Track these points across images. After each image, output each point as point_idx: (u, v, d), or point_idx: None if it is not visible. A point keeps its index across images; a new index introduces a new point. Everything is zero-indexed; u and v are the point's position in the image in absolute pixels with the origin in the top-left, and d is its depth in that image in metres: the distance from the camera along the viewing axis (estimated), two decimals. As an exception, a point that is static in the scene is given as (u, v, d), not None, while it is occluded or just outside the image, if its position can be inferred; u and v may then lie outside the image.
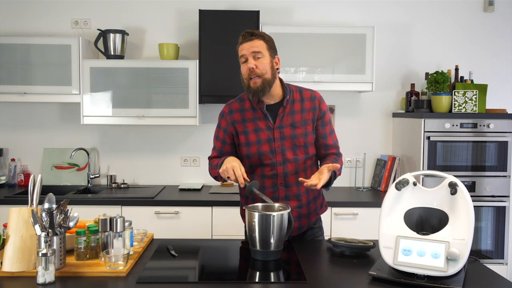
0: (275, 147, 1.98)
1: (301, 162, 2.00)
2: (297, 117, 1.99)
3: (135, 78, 3.24)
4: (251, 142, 1.99)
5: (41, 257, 1.47)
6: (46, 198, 1.66)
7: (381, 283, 1.54)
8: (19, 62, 3.23)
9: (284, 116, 1.99)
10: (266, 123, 1.99)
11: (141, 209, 3.02)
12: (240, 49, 1.95)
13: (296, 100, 2.02)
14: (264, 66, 1.91)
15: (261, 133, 1.98)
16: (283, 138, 1.98)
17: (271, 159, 1.98)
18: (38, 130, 3.60)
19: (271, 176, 1.99)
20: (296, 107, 2.00)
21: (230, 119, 2.04)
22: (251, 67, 1.90)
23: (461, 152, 3.11)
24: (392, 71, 3.63)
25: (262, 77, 1.91)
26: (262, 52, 1.92)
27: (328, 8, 3.59)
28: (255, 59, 1.91)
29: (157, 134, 3.62)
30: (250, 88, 1.93)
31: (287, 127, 1.98)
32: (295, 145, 1.98)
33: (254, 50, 1.91)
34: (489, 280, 1.62)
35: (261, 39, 1.93)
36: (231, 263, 1.85)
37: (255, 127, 1.99)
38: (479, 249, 3.17)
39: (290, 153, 1.98)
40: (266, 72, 1.92)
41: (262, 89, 1.92)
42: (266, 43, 1.94)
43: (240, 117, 2.02)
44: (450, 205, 1.59)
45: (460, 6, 3.62)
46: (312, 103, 2.02)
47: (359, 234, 2.35)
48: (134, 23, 3.56)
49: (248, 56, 1.91)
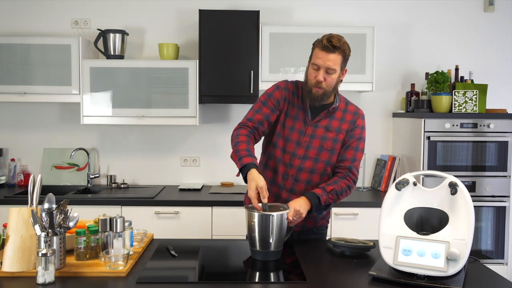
0: (303, 141, 2.01)
1: (320, 164, 2.02)
2: (334, 123, 2.03)
3: (135, 78, 3.24)
4: (286, 126, 2.03)
5: (41, 257, 1.47)
6: (46, 198, 1.66)
7: (381, 283, 1.54)
8: (19, 62, 3.23)
9: (323, 118, 2.03)
10: (305, 117, 2.03)
11: (141, 209, 3.02)
12: (316, 56, 1.93)
13: (339, 109, 2.06)
14: (331, 82, 1.95)
15: (297, 123, 2.02)
16: (313, 136, 2.01)
17: (294, 149, 2.01)
18: (38, 130, 3.60)
19: (287, 165, 2.02)
20: (338, 115, 2.05)
21: (285, 93, 2.06)
22: (320, 80, 1.92)
23: (461, 152, 3.11)
24: (392, 71, 3.63)
25: (325, 89, 1.95)
26: (336, 69, 1.93)
27: (328, 8, 3.59)
28: (326, 73, 1.93)
29: (157, 134, 3.62)
30: (311, 94, 1.97)
31: (321, 128, 2.02)
32: (322, 147, 2.01)
33: (329, 66, 1.91)
34: (489, 280, 1.62)
35: (340, 54, 1.92)
36: (231, 263, 1.85)
37: (296, 114, 2.03)
38: (479, 249, 3.17)
39: (314, 152, 2.01)
40: (331, 88, 1.96)
41: (321, 100, 1.98)
42: (343, 58, 1.94)
43: (291, 98, 2.05)
44: (450, 205, 1.59)
45: (460, 6, 3.61)
46: (353, 117, 2.06)
47: (359, 234, 2.35)
48: (134, 23, 3.56)
49: (322, 68, 1.92)
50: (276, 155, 2.04)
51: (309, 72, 1.98)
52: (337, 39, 1.92)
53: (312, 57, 1.98)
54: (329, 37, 1.91)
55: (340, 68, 1.96)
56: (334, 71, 1.93)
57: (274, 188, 2.04)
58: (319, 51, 1.92)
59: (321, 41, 1.93)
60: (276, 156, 2.04)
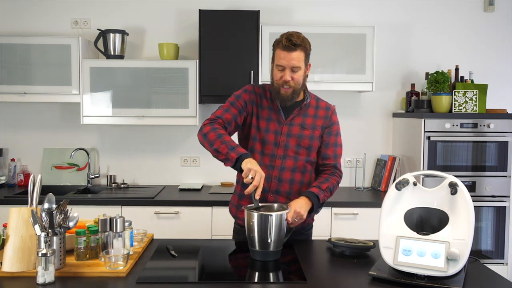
0: (280, 140, 2.01)
1: (300, 162, 2.03)
2: (308, 120, 2.04)
3: (135, 78, 3.24)
4: (261, 128, 2.03)
5: (41, 257, 1.47)
6: (46, 198, 1.66)
7: (381, 283, 1.54)
8: (19, 62, 3.23)
9: (297, 116, 2.04)
10: (278, 117, 2.03)
11: (141, 209, 3.02)
12: (279, 57, 1.94)
13: (311, 106, 2.08)
14: (299, 79, 1.96)
15: (271, 123, 2.03)
16: (289, 135, 2.02)
17: (272, 150, 2.01)
18: (38, 130, 3.60)
19: (268, 167, 2.01)
20: (310, 111, 2.06)
21: (253, 97, 2.06)
22: (288, 80, 1.93)
23: (461, 152, 3.11)
24: (392, 71, 3.63)
25: (294, 87, 1.96)
26: (301, 66, 1.94)
27: (328, 8, 3.59)
28: (292, 72, 1.94)
29: (157, 134, 3.62)
30: (280, 95, 1.97)
31: (296, 126, 2.02)
32: (299, 145, 2.02)
33: (294, 65, 1.92)
34: (489, 280, 1.62)
35: (302, 51, 1.93)
36: (231, 263, 1.85)
37: (268, 115, 2.03)
38: (479, 249, 3.16)
39: (293, 150, 2.01)
40: (299, 84, 1.97)
41: (291, 98, 1.99)
42: (305, 54, 1.95)
43: (259, 101, 2.06)
44: (450, 205, 1.59)
45: (460, 6, 3.61)
46: (326, 113, 2.08)
47: (359, 234, 2.35)
48: (134, 23, 3.56)
49: (287, 68, 1.93)
50: (255, 159, 1.99)
51: (274, 74, 1.98)
52: (296, 36, 1.92)
53: (275, 59, 1.97)
54: (288, 36, 1.92)
55: (304, 64, 1.97)
56: (299, 68, 1.94)
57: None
58: (280, 52, 1.93)
59: (281, 41, 1.93)
60: (256, 161, 2.01)
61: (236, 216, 2.16)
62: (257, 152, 2.03)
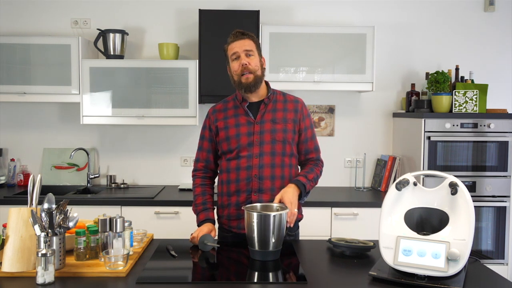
0: (254, 140, 2.04)
1: (278, 157, 2.05)
2: (278, 114, 2.08)
3: (135, 78, 3.23)
4: (231, 136, 2.06)
5: (41, 258, 1.47)
6: (45, 198, 1.66)
7: (382, 283, 1.54)
8: (19, 62, 3.23)
9: (266, 112, 2.07)
10: (247, 119, 2.07)
11: (141, 209, 3.02)
12: (231, 47, 2.04)
13: (279, 100, 2.12)
14: (256, 63, 2.03)
15: (241, 128, 2.06)
16: (262, 132, 2.04)
17: (248, 151, 2.04)
18: (38, 130, 3.60)
19: (246, 168, 2.03)
20: (279, 106, 2.10)
21: (213, 118, 2.14)
22: (245, 63, 2.00)
23: (461, 152, 3.11)
24: (392, 71, 3.62)
25: (254, 73, 2.02)
26: (253, 50, 2.04)
27: (328, 8, 3.59)
28: (247, 57, 2.02)
29: (157, 134, 3.62)
30: (242, 84, 2.03)
31: (268, 122, 2.06)
32: (274, 140, 2.04)
33: (246, 48, 2.02)
34: (489, 281, 1.62)
35: (251, 39, 2.05)
36: (231, 263, 1.85)
37: (236, 122, 2.08)
38: (480, 249, 3.16)
39: (268, 146, 2.04)
40: (258, 69, 2.04)
41: (254, 84, 2.03)
42: (255, 43, 2.06)
43: (222, 115, 2.12)
44: (451, 205, 1.59)
45: (461, 6, 3.61)
46: (295, 105, 2.12)
47: (359, 234, 2.35)
48: (134, 23, 3.56)
49: (241, 53, 2.01)
50: (232, 165, 2.06)
51: (232, 68, 2.06)
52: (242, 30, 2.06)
53: (229, 55, 2.06)
54: (235, 31, 2.06)
55: (257, 53, 2.05)
56: (253, 53, 2.02)
57: (242, 196, 2.04)
58: (231, 43, 2.04)
59: (230, 36, 2.06)
60: (232, 167, 2.06)
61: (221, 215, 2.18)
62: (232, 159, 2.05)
